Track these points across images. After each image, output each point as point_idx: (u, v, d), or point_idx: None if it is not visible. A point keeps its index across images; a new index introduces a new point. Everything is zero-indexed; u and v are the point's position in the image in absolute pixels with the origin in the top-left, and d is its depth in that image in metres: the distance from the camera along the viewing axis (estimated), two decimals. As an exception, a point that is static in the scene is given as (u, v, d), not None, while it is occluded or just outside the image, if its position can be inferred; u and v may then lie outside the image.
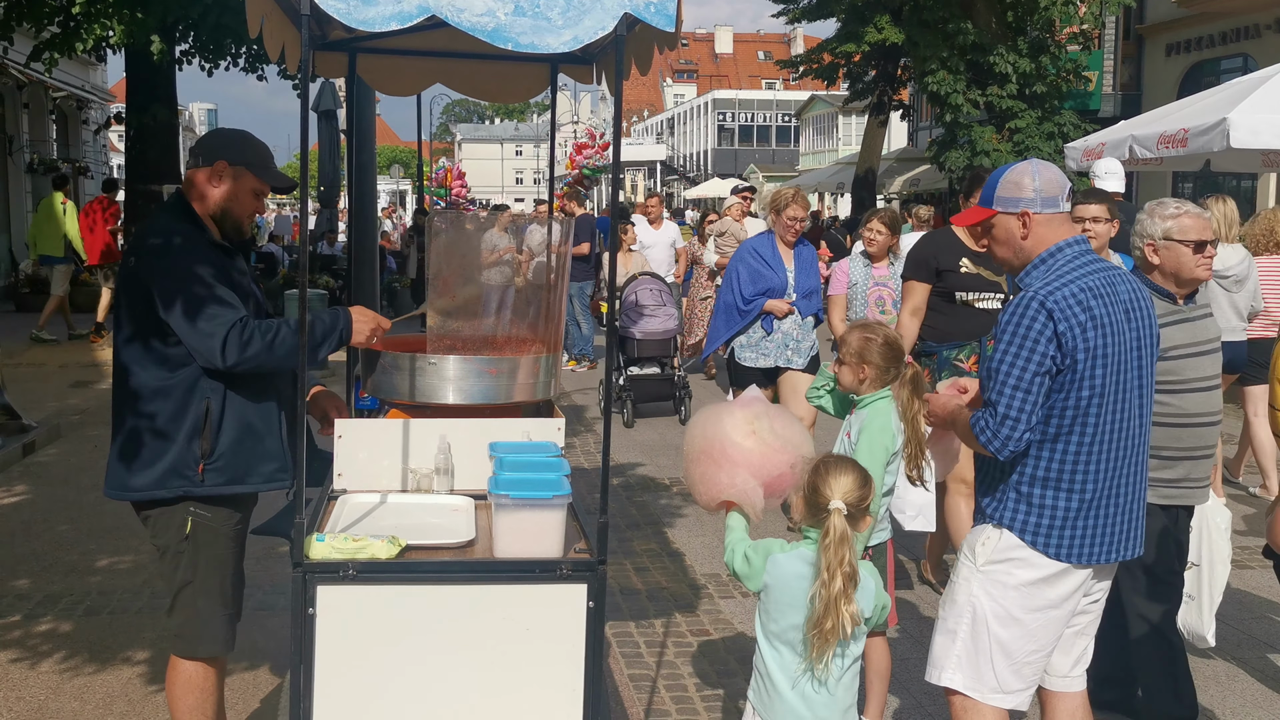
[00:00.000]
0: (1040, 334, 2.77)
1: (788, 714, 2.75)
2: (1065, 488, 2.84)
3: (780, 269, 6.11)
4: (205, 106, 73.44)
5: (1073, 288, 2.80)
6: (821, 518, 2.71)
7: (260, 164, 3.22)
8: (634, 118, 70.60)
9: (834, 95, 34.26)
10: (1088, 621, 3.06)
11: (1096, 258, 2.92)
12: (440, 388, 3.26)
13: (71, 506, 6.58)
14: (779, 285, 6.11)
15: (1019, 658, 2.90)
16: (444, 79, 4.20)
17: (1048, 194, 2.92)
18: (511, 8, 2.57)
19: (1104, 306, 2.80)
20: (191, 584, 3.14)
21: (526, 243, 4.35)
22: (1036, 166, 2.97)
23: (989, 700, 2.92)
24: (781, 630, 2.75)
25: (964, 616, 2.95)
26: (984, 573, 2.92)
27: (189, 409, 3.06)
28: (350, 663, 2.65)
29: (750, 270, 6.10)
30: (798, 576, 2.72)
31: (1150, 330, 2.93)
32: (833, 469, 2.76)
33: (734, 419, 2.95)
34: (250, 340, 2.99)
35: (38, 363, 11.97)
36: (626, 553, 5.84)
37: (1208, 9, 20.04)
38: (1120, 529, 2.90)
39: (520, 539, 2.71)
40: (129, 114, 16.14)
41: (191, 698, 3.19)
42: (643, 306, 9.52)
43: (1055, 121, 18.39)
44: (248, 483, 3.15)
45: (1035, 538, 2.86)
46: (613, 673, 4.34)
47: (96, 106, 24.74)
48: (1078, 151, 11.13)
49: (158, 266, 3.03)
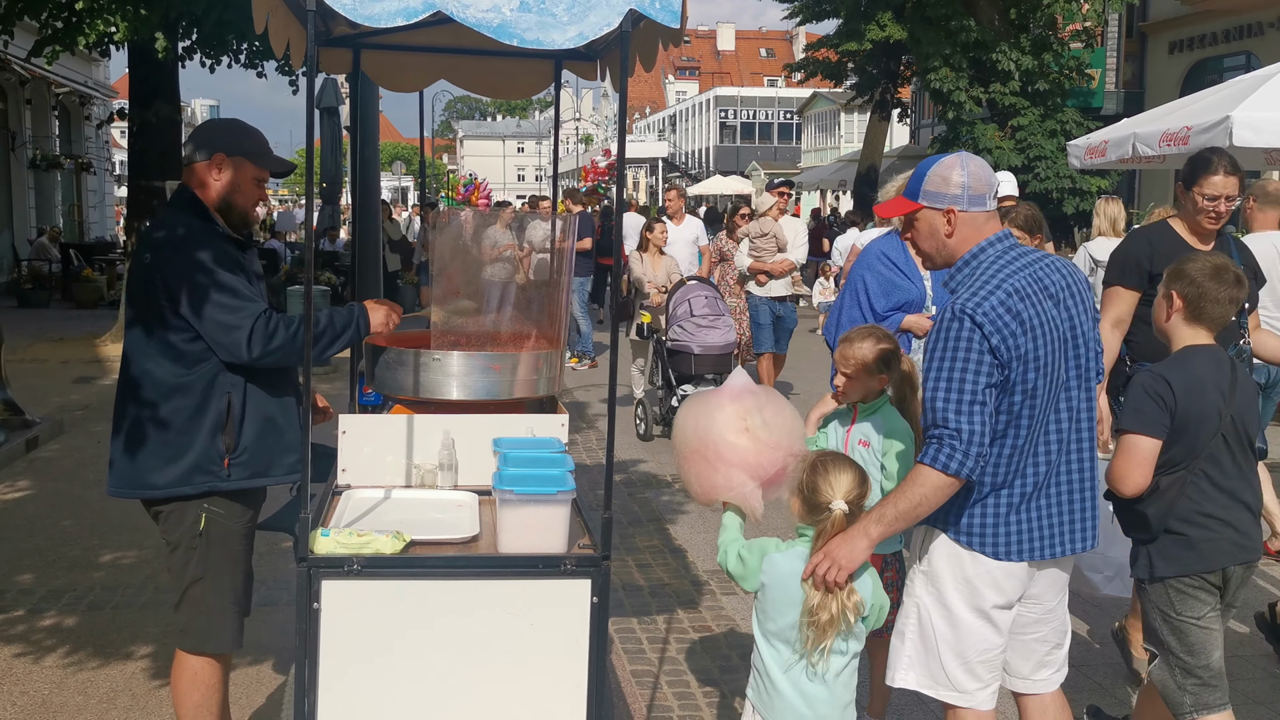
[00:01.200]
0: (978, 348, 2.66)
1: (787, 711, 2.74)
2: (997, 487, 2.77)
3: (916, 277, 4.82)
4: (208, 103, 73.32)
5: (999, 294, 2.69)
6: (822, 517, 2.71)
7: (258, 152, 3.23)
8: (636, 115, 70.54)
9: (836, 93, 34.21)
10: (1049, 629, 2.97)
11: (1024, 252, 2.82)
12: (444, 383, 3.27)
13: (75, 502, 6.59)
14: (917, 297, 4.79)
15: (970, 657, 2.86)
16: (448, 75, 4.20)
17: (975, 191, 2.82)
18: (517, 4, 2.56)
19: (1032, 307, 2.71)
20: (203, 580, 3.15)
21: (527, 238, 4.36)
22: (965, 161, 2.87)
23: (945, 698, 2.90)
24: (780, 629, 2.76)
25: (910, 617, 2.93)
26: (924, 573, 2.90)
27: (210, 405, 3.06)
28: (355, 657, 2.66)
29: (882, 280, 4.80)
30: (795, 575, 2.72)
31: (1085, 312, 2.84)
32: (832, 468, 2.75)
33: (725, 415, 2.90)
34: (275, 332, 3.01)
35: (41, 358, 12.00)
36: (629, 549, 5.85)
37: (1211, 7, 20.02)
38: (1060, 523, 2.83)
39: (524, 534, 2.72)
40: (131, 110, 16.13)
41: (198, 694, 3.19)
42: (698, 317, 8.52)
43: (1058, 119, 18.36)
44: (271, 475, 3.17)
45: (970, 538, 2.81)
46: (615, 669, 4.34)
47: (99, 102, 24.74)
48: (1080, 149, 11.11)
49: (175, 263, 3.03)
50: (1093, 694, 4.22)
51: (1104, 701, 4.14)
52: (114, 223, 27.19)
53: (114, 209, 28.53)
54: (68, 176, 23.67)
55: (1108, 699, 4.19)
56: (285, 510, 3.40)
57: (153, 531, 3.34)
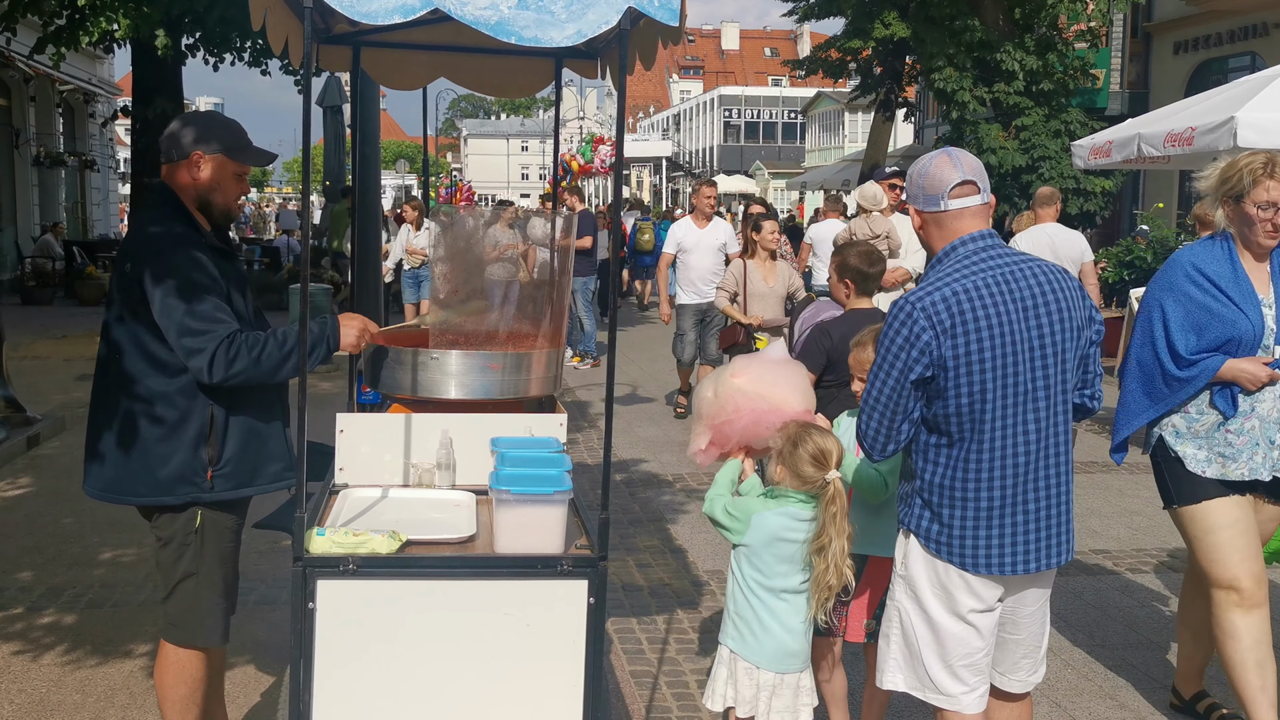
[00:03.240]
0: (903, 344, 2.67)
1: (777, 649, 3.02)
2: (961, 496, 2.73)
3: (1250, 300, 3.50)
4: (211, 100, 73.42)
5: (947, 290, 2.66)
6: (818, 487, 2.97)
7: (236, 147, 3.18)
8: (640, 114, 70.53)
9: (840, 92, 34.17)
10: (1026, 634, 2.94)
11: (1000, 254, 2.74)
12: (442, 382, 3.26)
13: (75, 499, 6.58)
14: (1248, 333, 3.47)
15: (953, 661, 2.83)
16: (448, 73, 4.19)
17: (929, 191, 2.80)
18: (515, 1, 2.55)
19: (986, 308, 2.64)
20: (195, 576, 3.15)
21: (528, 237, 4.34)
22: (924, 162, 2.84)
23: (931, 700, 2.89)
24: (777, 585, 3.01)
25: (893, 621, 2.93)
26: (902, 579, 2.90)
27: (193, 416, 3.04)
28: (350, 658, 2.65)
29: (1192, 309, 3.53)
30: (787, 531, 2.99)
31: (1063, 324, 2.72)
32: (815, 438, 2.98)
33: (740, 378, 3.19)
34: (236, 357, 2.96)
35: (42, 355, 12.00)
36: (629, 549, 5.84)
37: (1216, 7, 19.98)
38: (1033, 538, 2.76)
39: (521, 534, 2.71)
40: (135, 107, 16.15)
41: (184, 687, 3.20)
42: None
43: (1062, 119, 18.31)
44: (255, 485, 3.15)
45: (939, 546, 2.78)
46: (614, 669, 4.33)
47: (103, 100, 24.76)
48: (1084, 149, 11.10)
49: (152, 274, 2.99)
50: (1093, 696, 4.21)
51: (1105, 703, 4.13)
52: (117, 220, 27.22)
53: (118, 206, 28.57)
54: (72, 174, 23.68)
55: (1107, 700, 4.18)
56: (283, 509, 3.40)
57: (152, 534, 3.33)
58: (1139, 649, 4.65)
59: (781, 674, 3.01)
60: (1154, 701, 4.17)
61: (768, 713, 3.00)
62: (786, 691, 3.01)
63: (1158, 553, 5.89)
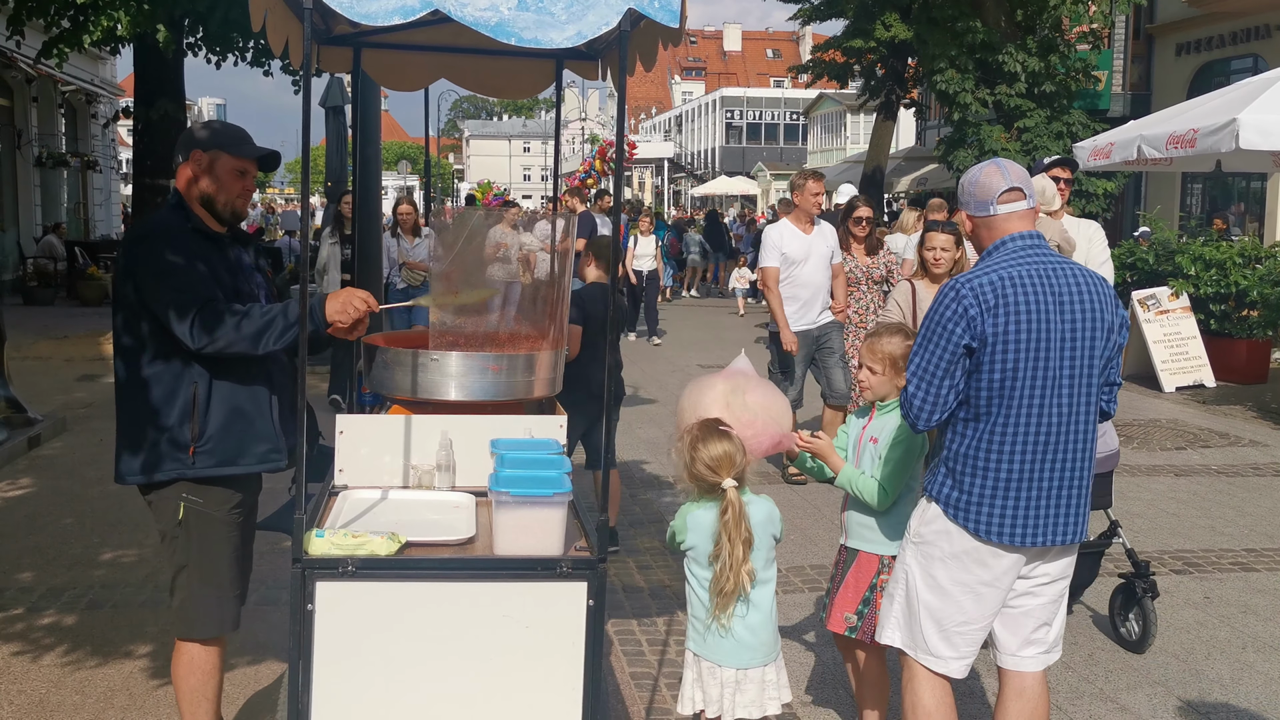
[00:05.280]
0: (951, 318, 2.89)
1: (736, 647, 3.03)
2: (983, 466, 2.93)
3: None
4: (214, 101, 73.41)
5: (993, 275, 2.90)
6: (716, 494, 2.99)
7: (233, 143, 3.26)
8: (641, 115, 70.53)
9: (842, 94, 34.20)
10: (1037, 605, 3.09)
11: (1043, 254, 2.97)
12: (442, 384, 3.26)
13: (76, 500, 6.58)
14: None
15: (949, 626, 3.03)
16: (449, 74, 4.18)
17: (979, 198, 3.03)
18: (515, 2, 2.55)
19: (1025, 295, 2.87)
20: (187, 567, 3.22)
21: (530, 237, 4.34)
22: (975, 171, 3.08)
23: (922, 661, 3.07)
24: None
25: (899, 582, 3.13)
26: (914, 543, 3.08)
27: (178, 394, 3.12)
28: (349, 659, 2.64)
29: None
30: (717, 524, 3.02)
31: (1094, 322, 2.93)
32: (710, 441, 3.00)
33: (714, 392, 3.18)
34: (219, 322, 3.03)
35: (44, 356, 12.01)
36: (629, 550, 5.83)
37: (1218, 9, 19.97)
38: (1046, 515, 2.94)
39: (520, 536, 2.70)
40: (137, 108, 16.15)
41: (194, 678, 3.27)
42: None
43: (1064, 121, 18.29)
44: (240, 464, 3.20)
45: (957, 512, 2.97)
46: (615, 670, 4.33)
47: (105, 100, 24.78)
48: (1086, 151, 11.10)
49: (136, 254, 3.13)
50: (1094, 697, 4.20)
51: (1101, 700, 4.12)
52: (119, 221, 27.20)
53: (119, 207, 28.56)
54: (74, 174, 23.70)
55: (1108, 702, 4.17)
56: (282, 510, 3.42)
57: (153, 530, 3.39)
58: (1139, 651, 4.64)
59: (744, 669, 3.05)
60: (1154, 703, 4.16)
61: (733, 709, 3.04)
62: (751, 686, 3.06)
63: (1158, 554, 5.88)
